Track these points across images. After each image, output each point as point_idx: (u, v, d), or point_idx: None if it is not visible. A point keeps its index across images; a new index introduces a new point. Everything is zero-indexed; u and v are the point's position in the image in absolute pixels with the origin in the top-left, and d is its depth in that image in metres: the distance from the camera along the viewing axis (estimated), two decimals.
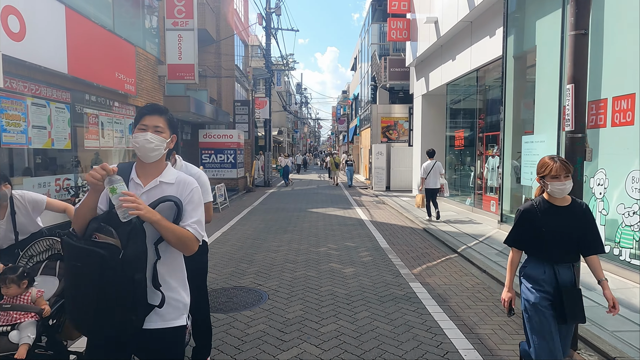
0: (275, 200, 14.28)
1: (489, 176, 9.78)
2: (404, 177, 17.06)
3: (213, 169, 16.35)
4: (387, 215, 10.86)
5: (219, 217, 10.42)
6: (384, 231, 8.52)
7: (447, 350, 3.36)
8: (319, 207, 12.20)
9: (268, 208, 12.10)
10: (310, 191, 17.45)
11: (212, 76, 19.87)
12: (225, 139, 16.31)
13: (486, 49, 9.44)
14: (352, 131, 30.34)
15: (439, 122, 14.67)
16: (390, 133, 17.87)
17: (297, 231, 8.46)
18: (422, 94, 14.54)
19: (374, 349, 3.38)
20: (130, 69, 10.28)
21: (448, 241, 7.38)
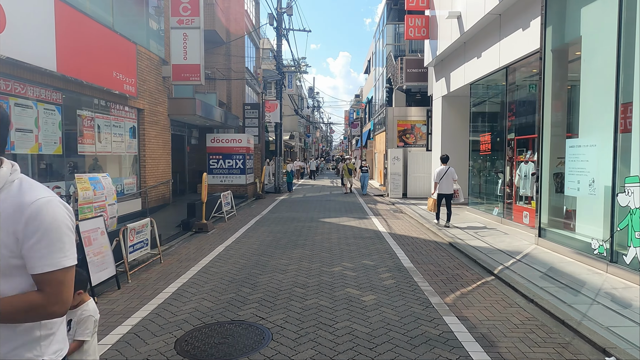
0: (286, 208, 13.47)
1: (521, 184, 8.82)
2: (422, 184, 16.11)
3: (221, 174, 15.63)
4: (407, 226, 9.95)
5: (224, 228, 9.64)
6: (405, 246, 7.62)
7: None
8: (332, 217, 11.34)
9: (277, 217, 11.29)
10: (322, 198, 16.61)
11: (222, 78, 19.23)
12: (233, 144, 15.59)
13: (518, 44, 8.51)
14: (365, 135, 29.47)
15: (461, 125, 13.71)
16: (407, 137, 16.96)
17: (308, 246, 7.62)
18: (443, 95, 13.63)
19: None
20: (131, 68, 9.60)
21: (480, 259, 6.46)
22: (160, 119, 11.80)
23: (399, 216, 11.61)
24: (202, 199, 9.26)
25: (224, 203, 10.75)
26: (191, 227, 9.18)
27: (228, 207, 11.29)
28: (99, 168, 9.20)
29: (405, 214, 11.92)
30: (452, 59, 12.52)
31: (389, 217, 11.44)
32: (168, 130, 12.37)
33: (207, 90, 18.72)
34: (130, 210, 10.14)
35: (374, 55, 27.08)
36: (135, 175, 10.64)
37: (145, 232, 6.11)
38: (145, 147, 10.86)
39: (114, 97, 9.24)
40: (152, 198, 11.29)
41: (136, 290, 5.15)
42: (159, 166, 11.68)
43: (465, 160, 13.55)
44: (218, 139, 15.58)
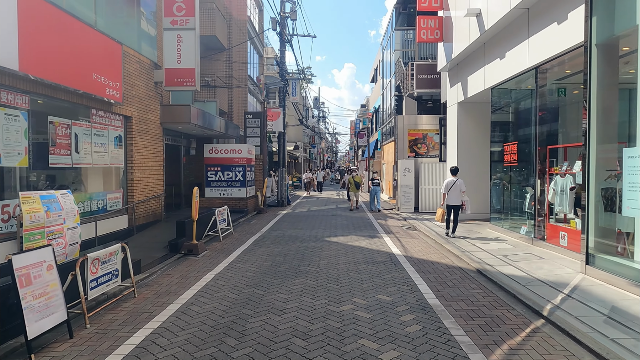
0: (288, 224, 12.37)
1: (556, 200, 7.67)
2: (436, 198, 14.96)
3: (219, 187, 14.60)
4: (424, 247, 8.80)
5: (217, 249, 8.55)
6: (426, 274, 6.49)
7: None
8: (339, 235, 10.23)
9: (278, 236, 10.19)
10: (328, 213, 15.49)
11: (222, 86, 18.33)
12: (233, 154, 14.58)
13: (552, 40, 7.45)
14: (372, 146, 28.41)
15: (479, 134, 12.62)
16: (418, 147, 15.87)
17: (311, 273, 6.50)
18: (458, 102, 12.56)
19: None
20: (115, 71, 8.64)
21: (521, 294, 5.31)
22: (152, 128, 10.82)
23: (413, 234, 10.47)
24: (193, 216, 8.20)
25: (219, 220, 9.68)
26: (180, 248, 8.11)
27: (224, 224, 10.22)
28: (79, 182, 8.19)
29: (420, 232, 10.78)
30: (470, 62, 11.48)
31: (402, 235, 10.30)
32: (160, 140, 11.38)
33: (206, 99, 17.84)
34: (115, 228, 9.10)
35: (382, 63, 26.15)
36: (121, 189, 9.63)
37: (114, 260, 5.04)
38: (133, 158, 9.85)
39: (95, 103, 8.27)
40: (141, 214, 10.25)
41: (92, 340, 4.06)
42: (149, 179, 10.66)
43: (485, 171, 12.44)
44: (216, 149, 14.59)
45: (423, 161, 15.45)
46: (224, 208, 10.31)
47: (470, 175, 12.63)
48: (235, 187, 14.58)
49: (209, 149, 14.57)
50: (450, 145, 13.40)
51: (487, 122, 12.71)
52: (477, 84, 11.06)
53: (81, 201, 8.03)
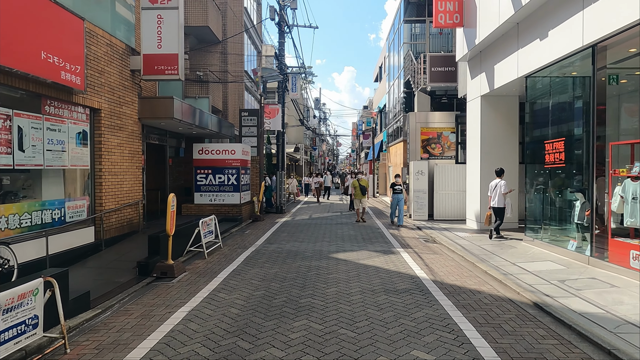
0: (287, 235, 10.76)
1: (627, 210, 6.07)
2: (453, 203, 13.36)
3: (210, 192, 13.00)
4: (454, 267, 7.19)
5: (199, 271, 6.94)
6: (470, 310, 4.88)
7: None
8: (347, 250, 8.62)
9: (275, 251, 8.58)
10: (332, 221, 13.88)
11: (215, 81, 16.78)
12: (226, 155, 13.00)
13: (619, 8, 5.88)
14: (377, 147, 26.84)
15: (507, 131, 11.05)
16: (432, 147, 14.29)
17: (317, 310, 4.90)
18: (482, 95, 10.98)
19: None
20: (75, 52, 7.06)
21: (618, 349, 3.70)
22: (127, 124, 9.24)
23: (435, 249, 8.85)
24: (168, 230, 6.59)
25: (203, 233, 8.08)
26: (151, 271, 6.51)
27: (211, 237, 8.62)
28: (21, 187, 6.60)
29: (442, 245, 9.16)
30: (498, 48, 9.91)
31: (422, 250, 8.68)
32: (138, 138, 9.79)
33: (198, 95, 16.29)
34: (77, 243, 7.50)
35: (387, 59, 24.61)
36: (86, 195, 8.03)
37: (29, 305, 3.44)
38: (103, 159, 8.27)
39: (47, 89, 6.69)
40: (113, 225, 8.66)
41: None
42: (124, 183, 9.07)
43: (512, 174, 10.87)
44: (207, 149, 13.00)
45: (438, 163, 13.86)
46: (211, 218, 8.71)
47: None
48: (228, 192, 12.98)
49: (198, 149, 12.98)
50: (471, 145, 11.80)
51: (515, 118, 11.15)
52: (506, 73, 9.48)
53: (27, 212, 6.43)
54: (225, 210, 12.89)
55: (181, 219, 11.70)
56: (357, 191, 13.15)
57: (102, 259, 7.51)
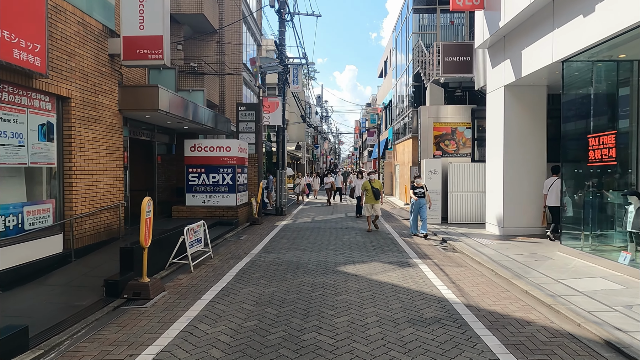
0: (288, 242, 9.62)
1: None
2: (469, 205, 12.20)
3: (203, 193, 11.86)
4: (487, 285, 6.02)
5: (181, 290, 5.78)
6: (523, 350, 3.72)
7: None
8: (357, 261, 7.47)
9: (273, 263, 7.43)
10: (337, 224, 12.73)
11: (211, 73, 15.64)
12: (220, 153, 11.85)
13: None
14: (382, 145, 25.64)
15: (533, 126, 9.89)
16: (445, 144, 13.12)
17: (323, 353, 3.74)
18: (506, 85, 9.80)
19: None
20: (34, 27, 5.91)
21: None
22: (105, 116, 8.09)
23: (458, 260, 7.68)
24: (142, 241, 5.45)
25: (189, 242, 6.93)
26: (121, 290, 5.36)
27: (199, 246, 7.47)
28: None
29: (465, 255, 7.99)
30: (526, 30, 8.72)
31: (442, 261, 7.52)
32: (118, 133, 8.65)
33: (192, 87, 15.14)
34: (40, 255, 6.37)
35: (393, 52, 23.42)
36: (52, 198, 6.89)
37: None
38: (73, 156, 7.13)
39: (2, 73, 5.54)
40: (86, 232, 7.51)
41: None
42: (100, 184, 7.94)
43: (539, 173, 9.73)
44: (200, 146, 11.85)
45: (452, 161, 12.68)
46: (199, 224, 7.54)
47: (521, 178, 9.87)
48: (223, 193, 11.83)
49: (190, 146, 11.84)
50: (492, 141, 10.63)
51: (541, 111, 9.97)
52: (537, 58, 8.30)
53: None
54: (220, 213, 11.75)
55: (171, 223, 10.59)
56: (368, 195, 10.78)
57: (67, 273, 6.37)
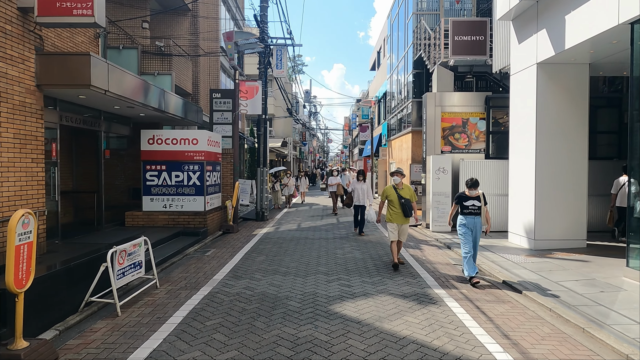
0: (266, 259, 7.53)
1: None
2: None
3: (164, 196, 9.68)
4: (555, 337, 4.02)
5: (86, 357, 3.64)
6: None
7: None
8: (358, 293, 5.43)
9: (240, 298, 5.34)
10: (327, 233, 10.68)
11: (181, 55, 13.45)
12: (185, 146, 9.70)
13: None
14: (376, 141, 23.66)
15: (574, 114, 7.97)
16: (456, 138, 11.14)
17: None
18: (540, 63, 7.86)
19: None
20: None
21: None
22: (12, 92, 5.89)
23: (494, 292, 5.67)
24: (10, 283, 3.30)
25: (118, 270, 4.78)
26: None
27: (137, 273, 5.33)
28: None
29: (500, 281, 5.99)
30: None
31: (475, 293, 5.50)
32: (37, 117, 6.43)
33: (157, 71, 12.91)
34: None
35: (388, 39, 21.42)
36: None
37: None
38: None
39: None
40: None
41: None
42: (4, 184, 5.73)
43: (580, 172, 7.86)
44: (160, 138, 9.67)
45: (464, 158, 10.72)
46: (137, 243, 5.38)
47: (558, 178, 7.95)
48: (189, 196, 9.67)
49: (147, 138, 9.65)
50: (518, 133, 8.68)
51: (583, 96, 8.05)
52: (590, 23, 6.34)
53: None
54: (185, 221, 9.59)
55: (121, 234, 8.41)
56: (394, 209, 6.73)
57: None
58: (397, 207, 6.72)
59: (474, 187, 6.01)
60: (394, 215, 6.76)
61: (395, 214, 6.75)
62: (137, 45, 12.79)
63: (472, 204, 6.03)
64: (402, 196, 6.73)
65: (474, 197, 6.03)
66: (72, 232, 8.14)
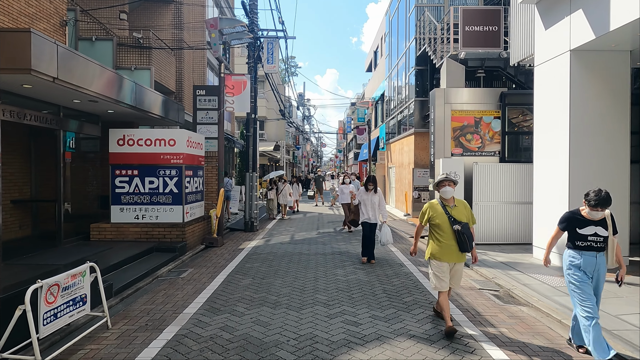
0: (252, 282, 6.28)
1: None
2: (502, 220, 9.09)
3: (136, 205, 8.39)
4: None
5: None
6: None
7: None
8: (368, 336, 4.21)
9: (213, 346, 4.07)
10: (324, 246, 9.46)
11: (161, 47, 12.20)
12: (160, 148, 8.42)
13: None
14: (373, 144, 22.51)
15: (614, 110, 6.84)
16: (467, 139, 9.99)
17: None
18: (574, 49, 6.72)
19: None
20: None
21: None
22: None
23: (538, 326, 4.45)
24: None
25: (46, 311, 3.49)
26: None
27: (79, 312, 4.04)
28: None
29: (542, 312, 4.78)
30: None
31: (517, 331, 4.28)
32: None
33: (135, 65, 11.66)
34: None
35: (386, 37, 20.33)
36: None
37: None
38: None
39: None
40: None
41: None
42: None
43: (622, 176, 6.70)
44: (132, 138, 8.38)
45: (478, 161, 9.56)
46: (79, 272, 4.08)
47: (597, 184, 6.77)
48: (165, 205, 8.38)
49: (117, 138, 8.36)
50: (546, 132, 7.53)
51: (625, 88, 6.91)
52: None
53: None
54: (160, 234, 8.29)
55: (84, 250, 7.12)
56: (443, 238, 4.33)
57: None
58: (449, 237, 4.27)
59: (603, 204, 3.64)
60: (444, 250, 4.29)
61: (444, 248, 4.29)
62: (112, 37, 11.54)
63: (594, 233, 3.71)
64: (456, 219, 4.28)
65: (598, 222, 3.73)
66: (22, 249, 6.83)
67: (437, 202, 4.46)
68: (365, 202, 7.58)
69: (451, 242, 4.26)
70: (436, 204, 4.43)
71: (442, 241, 4.31)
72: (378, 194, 7.57)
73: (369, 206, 7.54)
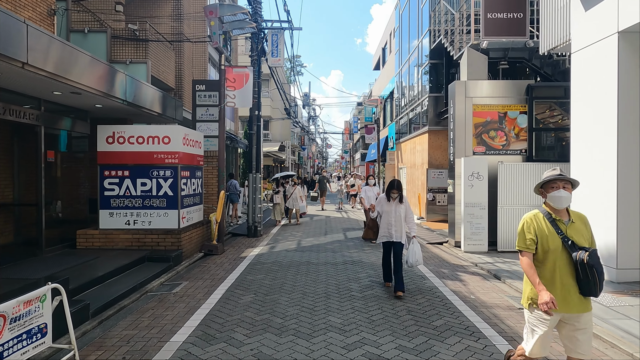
0: (254, 300, 5.48)
1: None
2: None
3: (127, 209, 7.60)
4: None
5: None
6: None
7: None
8: None
9: None
10: (334, 255, 8.65)
11: (158, 40, 11.45)
12: (153, 146, 7.63)
13: None
14: (382, 144, 21.63)
15: None
16: (491, 136, 9.13)
17: None
18: (622, 31, 5.85)
19: None
20: None
21: None
22: None
23: None
24: None
25: None
26: None
27: (33, 347, 3.23)
28: None
29: (600, 340, 3.92)
30: None
31: None
32: None
33: (130, 59, 10.91)
34: None
35: (396, 32, 19.48)
36: None
37: None
38: None
39: None
40: None
41: None
42: None
43: None
44: (122, 136, 7.60)
45: (504, 161, 8.69)
46: (37, 296, 3.27)
47: None
48: (159, 210, 7.58)
49: (107, 136, 7.58)
50: (586, 127, 6.65)
51: None
52: None
53: None
54: (153, 241, 7.50)
55: (67, 261, 6.36)
56: (551, 272, 2.71)
57: None
58: (564, 271, 2.70)
59: None
60: (555, 292, 2.67)
61: (556, 289, 2.69)
62: (105, 29, 10.80)
63: None
64: (575, 242, 2.70)
65: None
66: (10, 258, 6.05)
67: (540, 213, 2.85)
68: (389, 214, 5.73)
69: (568, 279, 2.68)
70: (542, 218, 2.82)
71: (553, 277, 2.71)
72: (404, 204, 5.77)
73: (392, 220, 5.70)
